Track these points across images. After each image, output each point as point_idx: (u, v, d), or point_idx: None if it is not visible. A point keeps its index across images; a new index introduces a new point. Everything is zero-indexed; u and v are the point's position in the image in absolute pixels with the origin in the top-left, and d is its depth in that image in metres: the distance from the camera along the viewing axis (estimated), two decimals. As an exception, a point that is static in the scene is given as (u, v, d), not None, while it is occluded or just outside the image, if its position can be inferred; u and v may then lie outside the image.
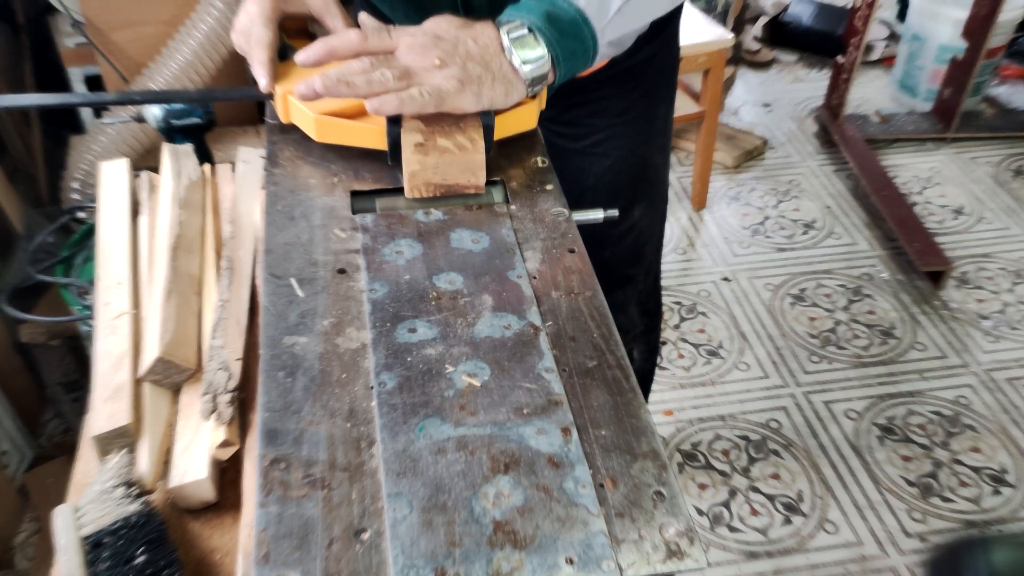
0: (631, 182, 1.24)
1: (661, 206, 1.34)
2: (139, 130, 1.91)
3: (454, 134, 0.81)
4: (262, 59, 0.88)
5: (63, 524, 0.71)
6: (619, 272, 1.35)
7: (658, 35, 1.17)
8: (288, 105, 0.88)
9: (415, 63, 0.81)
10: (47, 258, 1.56)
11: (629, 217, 1.27)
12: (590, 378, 0.69)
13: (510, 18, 0.84)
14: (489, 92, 0.81)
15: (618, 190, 1.24)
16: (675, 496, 0.60)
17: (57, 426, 1.86)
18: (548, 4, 0.83)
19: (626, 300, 1.38)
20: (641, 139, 1.22)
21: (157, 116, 1.34)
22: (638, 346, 1.48)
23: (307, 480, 0.60)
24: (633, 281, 1.36)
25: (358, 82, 0.79)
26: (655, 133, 1.24)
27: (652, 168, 1.26)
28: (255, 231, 0.99)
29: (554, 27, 0.82)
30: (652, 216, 1.31)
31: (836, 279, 2.31)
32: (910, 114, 2.95)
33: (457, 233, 0.82)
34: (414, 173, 0.82)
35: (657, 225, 1.34)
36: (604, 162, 1.22)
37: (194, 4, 1.95)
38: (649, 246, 1.34)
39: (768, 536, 1.65)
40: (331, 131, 0.85)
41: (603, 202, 1.26)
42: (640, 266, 1.35)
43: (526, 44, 0.82)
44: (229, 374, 0.81)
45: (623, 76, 1.16)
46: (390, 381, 0.67)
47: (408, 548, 0.55)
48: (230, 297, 0.89)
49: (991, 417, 1.90)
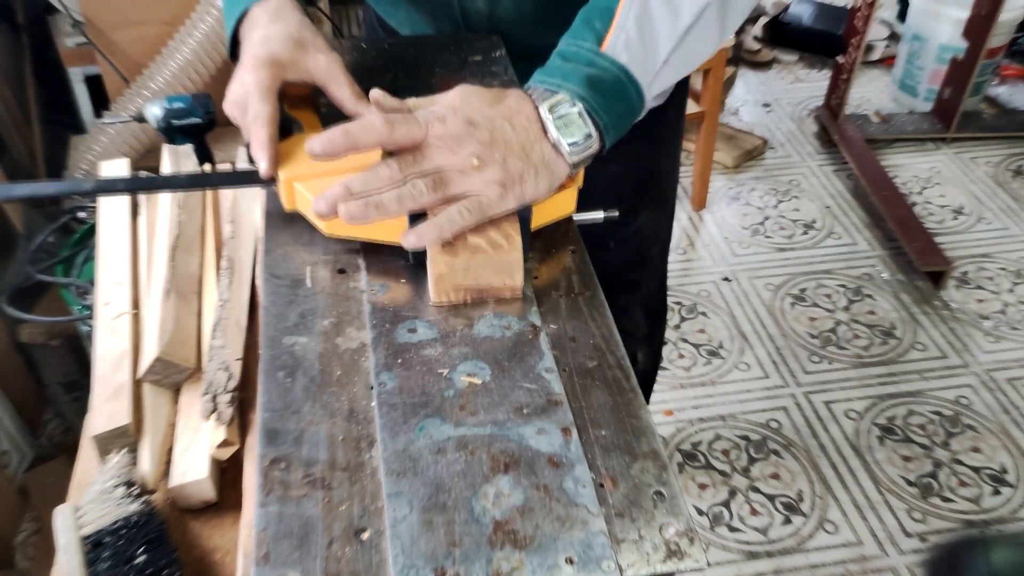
0: (637, 188, 1.22)
1: (668, 211, 1.31)
2: (139, 130, 1.91)
3: (487, 229, 0.72)
4: (261, 139, 0.76)
5: (63, 524, 0.71)
6: (623, 276, 1.34)
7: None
8: (293, 192, 0.77)
9: (449, 162, 0.70)
10: (47, 258, 1.56)
11: (634, 222, 1.25)
12: (590, 378, 0.69)
13: (548, 87, 0.74)
14: (532, 189, 0.72)
15: (623, 195, 1.22)
16: (675, 496, 0.60)
17: (57, 426, 1.86)
18: (587, 65, 0.75)
19: (630, 304, 1.37)
20: (648, 145, 1.19)
21: (157, 116, 1.34)
22: (642, 349, 1.47)
23: (307, 480, 0.60)
24: (637, 286, 1.35)
25: (388, 202, 0.68)
26: (663, 139, 1.21)
27: (659, 174, 1.23)
28: (255, 231, 0.99)
29: (598, 93, 0.73)
30: (658, 222, 1.29)
31: (836, 279, 2.31)
32: (910, 114, 2.95)
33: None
34: (441, 276, 0.71)
35: (663, 230, 1.32)
36: (610, 167, 1.20)
37: (194, 4, 1.95)
38: (654, 251, 1.33)
39: (768, 536, 1.65)
40: (345, 225, 0.72)
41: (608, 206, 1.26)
42: (644, 271, 1.34)
43: (570, 122, 0.73)
44: (229, 374, 0.81)
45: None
46: (390, 381, 0.67)
47: (408, 548, 0.55)
48: (230, 297, 0.89)
49: (991, 417, 1.89)
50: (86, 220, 1.62)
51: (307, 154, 0.70)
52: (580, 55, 0.76)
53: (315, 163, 0.72)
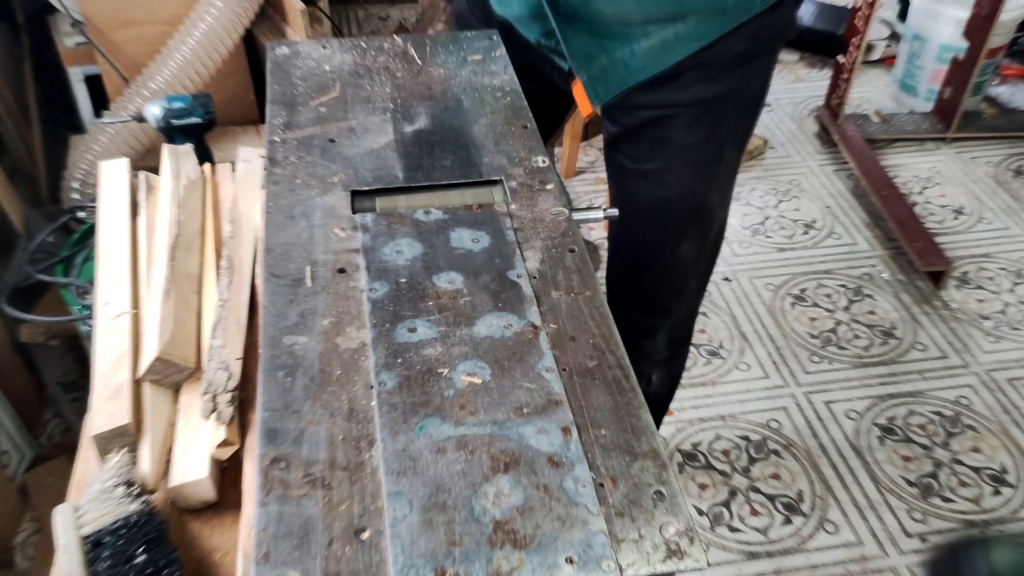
0: (683, 217, 1.19)
1: (712, 245, 1.27)
2: (139, 130, 1.91)
3: None
4: None
5: (63, 523, 0.71)
6: (655, 300, 1.33)
7: (744, 65, 1.07)
8: None
9: None
10: (47, 258, 1.56)
11: (675, 251, 1.23)
12: (590, 378, 0.69)
13: None
14: None
15: (668, 222, 1.20)
16: (675, 496, 0.60)
17: (57, 426, 1.86)
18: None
19: (655, 326, 1.35)
20: (700, 178, 1.16)
21: (157, 116, 1.34)
22: (658, 371, 1.44)
23: (307, 479, 0.60)
24: (667, 312, 1.33)
25: None
26: (717, 173, 1.17)
27: (708, 207, 1.20)
28: (255, 230, 0.98)
29: None
30: (700, 254, 1.26)
31: (836, 279, 2.31)
32: (910, 114, 2.95)
33: (457, 232, 0.82)
34: None
35: (703, 263, 1.29)
36: (659, 191, 1.17)
37: (194, 4, 1.95)
38: (691, 282, 1.30)
39: (768, 536, 1.65)
40: None
41: (652, 229, 1.23)
42: (678, 300, 1.31)
43: None
44: (229, 374, 0.81)
45: (695, 108, 1.09)
46: (390, 380, 0.67)
47: (408, 547, 0.55)
48: (230, 297, 0.89)
49: (992, 417, 1.89)
50: (86, 220, 1.62)
51: None
52: None
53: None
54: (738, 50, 1.04)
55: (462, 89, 1.05)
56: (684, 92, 1.07)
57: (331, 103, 1.00)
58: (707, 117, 1.09)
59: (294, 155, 0.92)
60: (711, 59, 1.04)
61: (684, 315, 1.36)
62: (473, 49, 1.13)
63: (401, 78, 1.06)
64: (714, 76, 1.06)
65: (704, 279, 1.32)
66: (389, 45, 1.13)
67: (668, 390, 1.53)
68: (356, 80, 1.05)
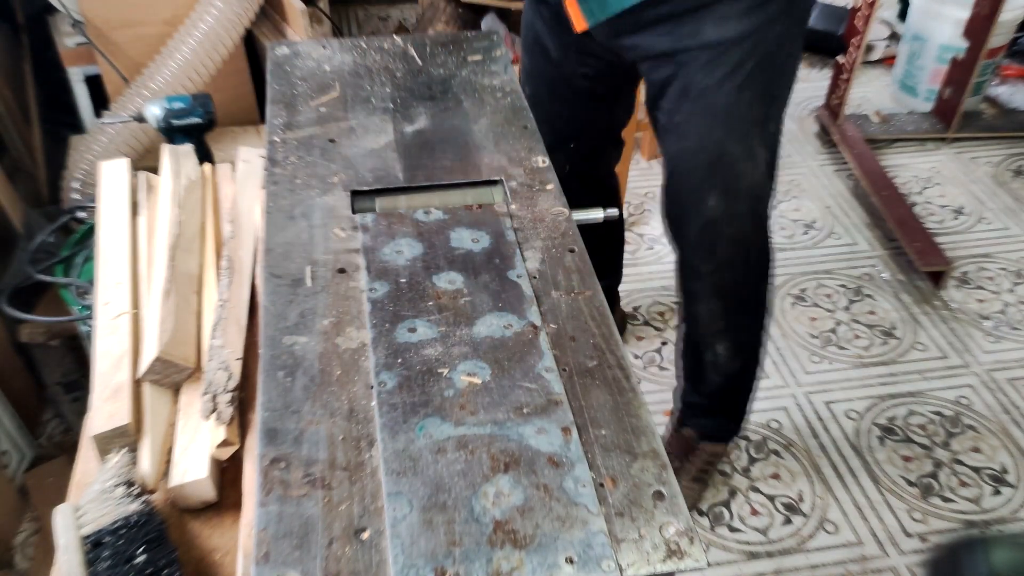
0: (704, 168, 1.19)
1: (742, 202, 1.23)
2: (139, 130, 1.91)
3: None
4: None
5: (63, 523, 0.71)
6: (689, 262, 1.32)
7: (755, 10, 1.07)
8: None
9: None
10: (47, 258, 1.56)
11: (700, 207, 1.21)
12: (590, 378, 0.69)
13: None
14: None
15: (692, 175, 1.20)
16: (675, 496, 0.60)
17: (57, 426, 1.86)
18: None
19: (699, 292, 1.34)
20: (718, 126, 1.15)
21: (157, 116, 1.34)
22: (722, 343, 1.41)
23: (307, 479, 0.60)
24: (702, 275, 1.31)
25: None
26: (735, 122, 1.15)
27: (728, 158, 1.17)
28: (255, 231, 0.98)
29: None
30: (729, 212, 1.22)
31: (836, 279, 2.31)
32: (910, 114, 2.95)
33: (457, 233, 0.82)
34: None
35: (737, 222, 1.24)
36: (681, 143, 1.19)
37: (194, 4, 1.95)
38: (723, 243, 1.26)
39: (768, 536, 1.65)
40: None
41: (679, 183, 1.23)
42: (711, 261, 1.29)
43: None
44: (229, 374, 0.81)
45: (707, 51, 1.09)
46: (390, 381, 0.67)
47: (408, 547, 0.55)
48: (230, 297, 0.89)
49: (992, 417, 1.89)
50: (86, 220, 1.62)
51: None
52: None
53: None
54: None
55: (462, 89, 1.05)
56: (695, 36, 1.08)
57: (331, 103, 1.00)
58: (719, 60, 1.09)
59: (294, 155, 0.92)
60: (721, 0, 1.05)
61: (729, 280, 1.32)
62: (473, 49, 1.13)
63: (401, 78, 1.06)
64: (725, 18, 1.06)
65: (739, 241, 1.27)
66: (389, 45, 1.13)
67: (742, 367, 1.48)
68: (356, 80, 1.05)
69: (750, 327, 1.44)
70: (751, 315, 1.42)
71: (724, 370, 1.47)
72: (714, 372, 1.47)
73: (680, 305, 1.45)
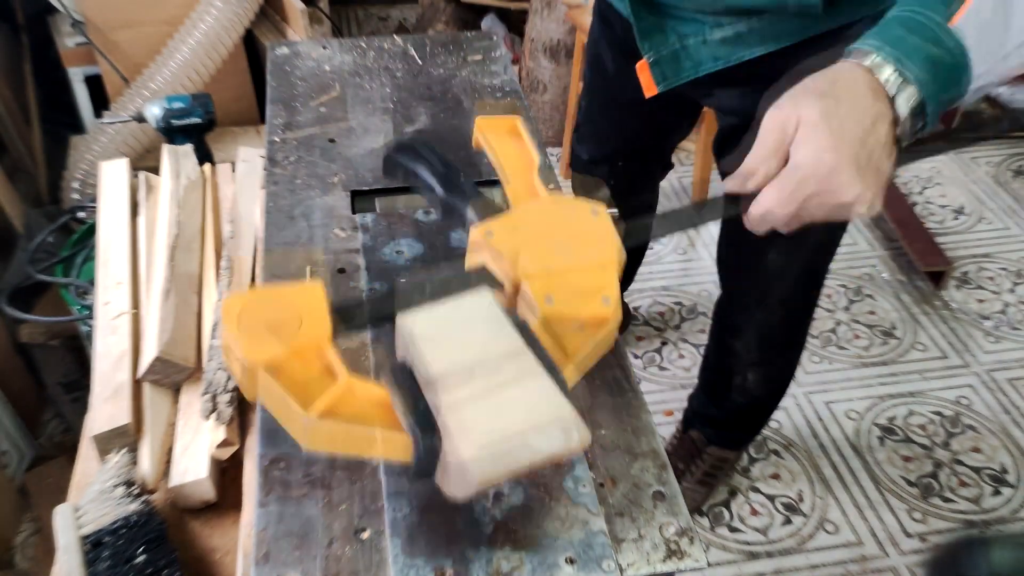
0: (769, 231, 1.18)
1: (802, 261, 1.21)
2: (139, 130, 1.91)
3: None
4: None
5: (63, 523, 0.71)
6: (740, 299, 1.32)
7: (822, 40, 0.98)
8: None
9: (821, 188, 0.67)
10: (47, 258, 1.56)
11: (761, 258, 1.21)
12: (590, 378, 0.69)
13: (890, 61, 0.67)
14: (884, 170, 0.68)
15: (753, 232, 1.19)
16: (675, 496, 0.60)
17: (57, 426, 1.86)
18: (932, 42, 0.66)
19: (743, 325, 1.35)
20: None
21: (157, 116, 1.34)
22: (753, 373, 1.44)
23: (307, 480, 0.60)
24: (751, 315, 1.32)
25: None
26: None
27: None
28: (255, 231, 0.98)
29: (935, 78, 0.66)
30: (787, 268, 1.22)
31: (837, 279, 2.30)
32: (910, 114, 2.95)
33: (457, 233, 0.82)
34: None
35: (790, 276, 1.24)
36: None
37: (194, 4, 1.95)
38: (776, 292, 1.27)
39: (768, 536, 1.65)
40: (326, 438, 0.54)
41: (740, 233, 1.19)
42: (762, 306, 1.30)
43: (911, 107, 0.66)
44: (229, 374, 0.81)
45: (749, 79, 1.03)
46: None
47: (408, 547, 0.55)
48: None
49: (992, 417, 1.89)
50: (86, 220, 1.62)
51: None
52: (927, 29, 0.67)
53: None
54: (825, 63, 1.00)
55: (462, 89, 1.05)
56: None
57: (331, 103, 1.00)
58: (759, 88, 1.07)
59: (294, 155, 0.92)
60: (801, 71, 1.01)
61: (776, 321, 1.33)
62: (473, 49, 1.13)
63: (401, 78, 1.06)
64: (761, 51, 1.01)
65: (800, 289, 1.28)
66: (389, 45, 1.13)
67: (768, 393, 1.50)
68: (356, 80, 1.05)
69: (786, 361, 1.45)
70: (790, 351, 1.43)
71: (751, 395, 1.48)
72: (740, 395, 1.48)
73: (714, 329, 1.46)
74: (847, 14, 0.94)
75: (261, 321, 0.56)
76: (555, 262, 0.61)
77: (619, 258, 0.62)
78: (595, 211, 0.65)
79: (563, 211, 0.65)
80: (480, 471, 0.48)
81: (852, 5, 0.93)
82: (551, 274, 0.60)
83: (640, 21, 1.03)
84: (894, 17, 0.69)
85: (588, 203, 0.66)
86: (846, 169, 0.64)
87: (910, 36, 0.67)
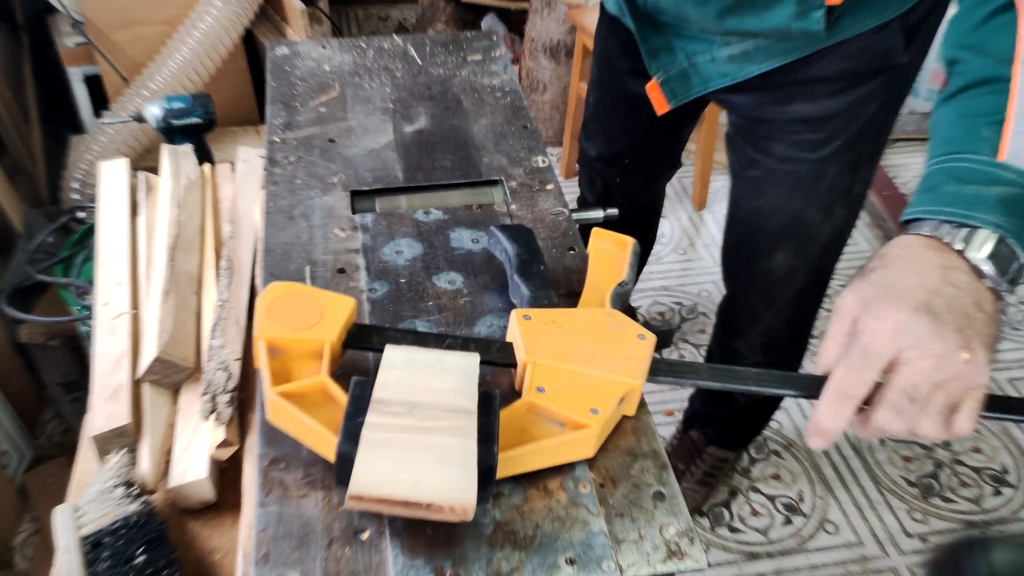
0: (777, 229, 1.17)
1: (809, 261, 1.21)
2: (139, 130, 1.91)
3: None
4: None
5: (63, 524, 0.71)
6: (745, 301, 1.32)
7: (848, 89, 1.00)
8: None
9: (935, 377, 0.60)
10: (47, 258, 1.56)
11: (768, 260, 1.21)
12: (590, 378, 0.69)
13: (956, 220, 0.63)
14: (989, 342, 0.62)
15: (762, 231, 1.18)
16: (675, 496, 0.60)
17: (57, 426, 1.86)
18: (991, 183, 0.63)
19: (748, 327, 1.35)
20: (798, 194, 1.12)
21: (157, 116, 1.34)
22: None
23: (307, 480, 0.60)
24: (757, 316, 1.32)
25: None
26: (817, 192, 1.11)
27: (805, 223, 1.15)
28: (255, 231, 0.98)
29: (1015, 215, 0.62)
30: (794, 269, 1.22)
31: (837, 279, 2.30)
32: (910, 114, 2.95)
33: (457, 233, 0.82)
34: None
35: (798, 277, 1.24)
36: (756, 200, 1.16)
37: (194, 4, 1.95)
38: (783, 293, 1.27)
39: (768, 536, 1.65)
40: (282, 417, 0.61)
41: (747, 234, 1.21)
42: (769, 308, 1.30)
43: (1000, 259, 0.62)
44: (229, 374, 0.81)
45: (795, 125, 1.06)
46: (390, 381, 0.67)
47: (408, 547, 0.55)
48: (230, 297, 0.89)
49: (992, 417, 1.90)
50: (86, 220, 1.62)
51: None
52: (978, 173, 0.65)
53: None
54: (836, 71, 0.99)
55: (462, 89, 1.05)
56: (785, 108, 1.04)
57: (331, 103, 1.00)
58: (806, 135, 1.06)
59: (294, 155, 0.91)
60: (811, 78, 1.00)
61: (780, 323, 1.33)
62: (473, 49, 1.13)
63: (401, 78, 1.06)
64: (815, 96, 1.02)
65: (807, 291, 1.28)
66: (389, 45, 1.13)
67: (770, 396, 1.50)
68: (356, 80, 1.05)
69: (789, 363, 1.45)
70: (793, 353, 1.43)
71: (753, 397, 1.47)
72: (743, 395, 1.48)
73: (717, 330, 1.46)
74: (852, 28, 0.94)
75: (287, 308, 0.64)
76: (565, 360, 0.63)
77: (636, 383, 0.63)
78: (642, 336, 0.66)
79: (608, 324, 0.67)
80: (356, 486, 0.52)
81: (856, 21, 0.93)
82: (555, 369, 0.63)
83: (646, 42, 1.04)
84: (939, 170, 0.67)
85: (638, 327, 0.67)
86: (916, 319, 0.59)
87: (965, 187, 0.64)
